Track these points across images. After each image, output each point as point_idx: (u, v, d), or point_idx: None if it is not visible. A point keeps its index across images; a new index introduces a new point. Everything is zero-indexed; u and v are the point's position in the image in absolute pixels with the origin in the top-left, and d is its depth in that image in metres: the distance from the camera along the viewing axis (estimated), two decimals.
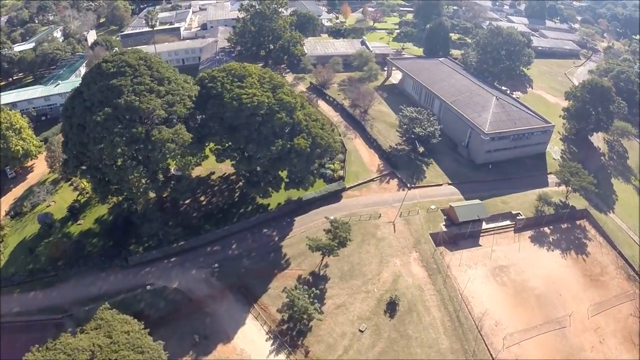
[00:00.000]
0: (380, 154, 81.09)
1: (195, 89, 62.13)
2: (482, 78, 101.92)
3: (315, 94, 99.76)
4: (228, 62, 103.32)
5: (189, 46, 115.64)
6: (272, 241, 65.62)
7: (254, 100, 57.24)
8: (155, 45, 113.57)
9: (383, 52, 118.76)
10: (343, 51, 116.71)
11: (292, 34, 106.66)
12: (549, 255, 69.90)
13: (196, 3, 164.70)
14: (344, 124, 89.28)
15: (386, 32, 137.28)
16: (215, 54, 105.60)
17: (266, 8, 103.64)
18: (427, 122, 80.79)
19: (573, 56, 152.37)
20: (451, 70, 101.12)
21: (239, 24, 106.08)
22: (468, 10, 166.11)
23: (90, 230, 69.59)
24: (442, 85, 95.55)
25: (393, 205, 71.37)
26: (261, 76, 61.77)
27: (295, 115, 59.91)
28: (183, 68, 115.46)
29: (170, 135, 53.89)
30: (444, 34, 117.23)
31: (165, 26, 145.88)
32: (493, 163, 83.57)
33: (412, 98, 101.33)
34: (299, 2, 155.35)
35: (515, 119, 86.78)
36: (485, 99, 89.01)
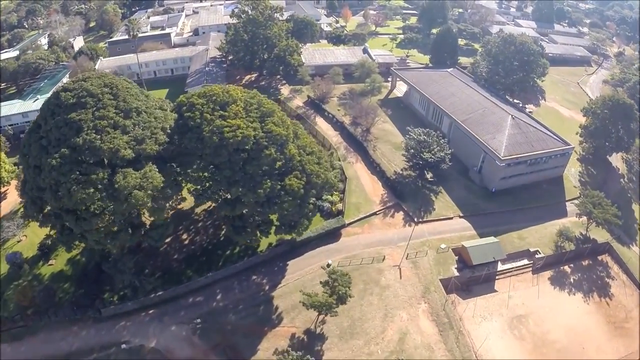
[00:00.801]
0: (384, 181, 71.40)
1: (171, 117, 52.41)
2: (494, 92, 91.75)
3: (313, 109, 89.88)
4: (218, 74, 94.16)
5: (178, 55, 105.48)
6: (262, 290, 56.28)
7: (237, 135, 47.50)
8: (138, 54, 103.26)
9: (386, 61, 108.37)
10: (343, 60, 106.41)
11: (288, 42, 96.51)
12: (570, 300, 60.66)
13: (190, 6, 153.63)
14: (344, 145, 79.40)
15: (389, 38, 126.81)
16: (205, 64, 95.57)
17: (259, 14, 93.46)
18: (437, 146, 71.05)
19: (584, 63, 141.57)
20: (461, 83, 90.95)
21: (231, 31, 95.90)
22: (474, 14, 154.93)
23: (62, 273, 60.51)
24: (452, 101, 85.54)
25: (398, 245, 61.91)
26: (248, 102, 51.80)
27: (287, 149, 50.22)
28: (172, 79, 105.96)
29: (137, 181, 44.32)
30: (452, 42, 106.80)
31: (156, 31, 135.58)
32: (508, 190, 74.13)
33: (419, 114, 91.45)
34: (296, 5, 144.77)
35: (533, 140, 76.88)
36: (499, 118, 79.05)
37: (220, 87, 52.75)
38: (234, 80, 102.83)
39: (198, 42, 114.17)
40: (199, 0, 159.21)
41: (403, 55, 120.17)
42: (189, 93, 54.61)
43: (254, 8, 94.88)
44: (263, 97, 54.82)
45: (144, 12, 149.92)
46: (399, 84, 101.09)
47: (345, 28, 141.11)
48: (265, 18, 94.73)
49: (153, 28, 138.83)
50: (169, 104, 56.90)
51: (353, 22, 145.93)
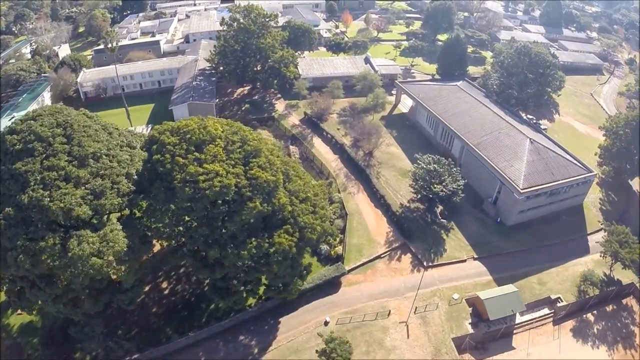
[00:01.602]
0: (389, 216, 62.56)
1: (140, 157, 43.46)
2: (507, 108, 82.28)
3: (310, 128, 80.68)
4: (207, 90, 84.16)
5: (165, 66, 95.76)
6: (251, 354, 47.71)
7: (215, 184, 38.76)
8: (123, 65, 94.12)
9: (390, 72, 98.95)
10: (344, 71, 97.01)
11: (283, 53, 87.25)
12: (593, 355, 52.38)
13: (183, 10, 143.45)
14: (344, 171, 70.40)
15: (392, 45, 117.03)
16: (193, 77, 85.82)
17: (252, 23, 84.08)
18: (449, 176, 62.34)
19: (596, 71, 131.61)
20: (473, 99, 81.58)
21: (220, 41, 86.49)
22: (481, 18, 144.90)
23: (31, 324, 51.94)
24: (463, 120, 76.39)
25: (406, 297, 53.17)
26: (229, 140, 43.03)
27: (276, 198, 41.72)
28: (159, 92, 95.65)
29: (94, 247, 35.74)
30: (461, 51, 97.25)
31: (146, 37, 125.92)
32: (525, 223, 65.44)
33: (426, 133, 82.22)
34: (294, 9, 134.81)
35: (553, 167, 67.89)
36: (516, 142, 70.02)
37: (197, 122, 43.72)
38: (224, 94, 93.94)
39: (187, 51, 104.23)
40: (193, 4, 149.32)
41: (407, 64, 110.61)
42: (161, 127, 45.66)
43: (246, 16, 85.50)
44: (248, 130, 45.79)
45: (135, 17, 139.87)
46: (404, 98, 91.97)
47: (346, 34, 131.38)
48: (258, 27, 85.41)
49: (143, 34, 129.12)
50: (140, 138, 47.84)
51: (354, 27, 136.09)
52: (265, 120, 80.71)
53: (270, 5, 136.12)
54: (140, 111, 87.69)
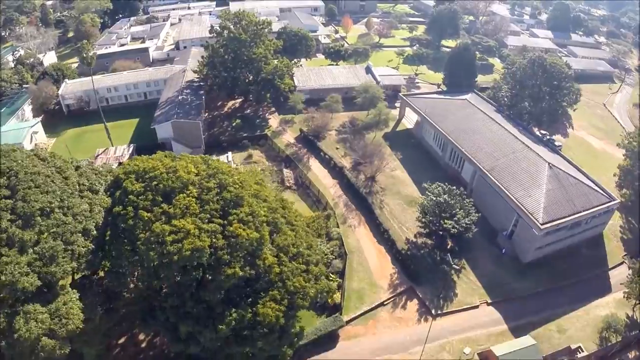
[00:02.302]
0: (393, 254, 54.85)
1: (103, 204, 35.72)
2: (521, 125, 74.22)
3: (307, 147, 72.70)
4: (193, 106, 74.81)
5: (152, 77, 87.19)
6: None
7: (186, 247, 31.32)
8: (107, 76, 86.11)
9: (393, 83, 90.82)
10: (343, 82, 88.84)
11: (277, 63, 79.21)
12: None
13: (176, 14, 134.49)
14: (343, 199, 62.67)
15: (395, 52, 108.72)
16: (179, 91, 77.34)
17: (242, 31, 76.03)
18: (461, 209, 54.64)
19: (607, 79, 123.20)
20: (484, 116, 73.46)
21: (208, 51, 78.33)
22: (487, 23, 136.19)
23: None
24: (474, 140, 68.44)
25: (411, 352, 45.51)
26: (203, 187, 35.19)
27: (261, 259, 34.14)
28: (146, 104, 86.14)
29: (45, 325, 28.45)
30: (470, 61, 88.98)
31: (137, 43, 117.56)
32: (543, 260, 57.80)
33: (434, 153, 74.24)
34: (291, 13, 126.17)
35: (574, 196, 60.02)
36: (534, 166, 62.10)
37: (166, 164, 35.90)
38: (214, 107, 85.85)
39: (176, 60, 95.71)
40: (187, 7, 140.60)
41: (411, 73, 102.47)
42: (127, 166, 37.94)
43: (237, 23, 77.23)
44: (227, 171, 37.72)
45: (127, 21, 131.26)
46: (409, 111, 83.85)
47: (346, 39, 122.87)
48: (250, 35, 77.23)
49: (134, 39, 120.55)
50: (106, 178, 39.98)
51: (354, 32, 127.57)
52: (257, 138, 72.92)
53: (267, 9, 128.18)
54: (124, 127, 79.85)
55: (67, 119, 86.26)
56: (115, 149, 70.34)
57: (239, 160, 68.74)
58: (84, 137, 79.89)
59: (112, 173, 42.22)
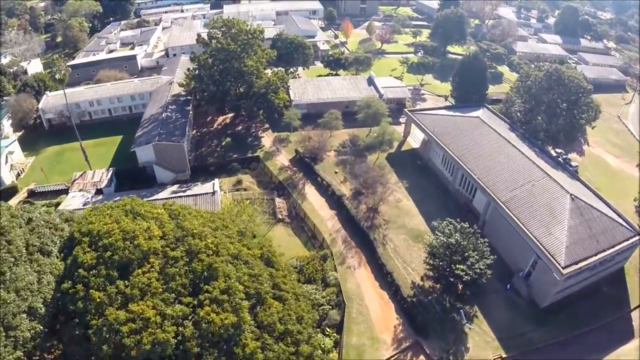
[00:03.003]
0: (397, 301, 46.98)
1: (55, 271, 28.65)
2: (537, 147, 65.97)
3: (303, 170, 64.71)
4: (178, 125, 64.73)
5: (137, 89, 78.77)
6: None
7: (144, 341, 24.31)
8: (88, 88, 78.07)
9: (398, 97, 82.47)
10: (343, 95, 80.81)
11: (271, 76, 71.38)
12: None
13: (169, 17, 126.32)
14: (342, 234, 54.70)
15: (399, 61, 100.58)
16: (164, 107, 68.71)
17: (232, 41, 67.92)
18: (474, 251, 47.40)
19: (620, 88, 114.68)
20: (498, 137, 64.88)
21: (194, 63, 69.85)
22: (494, 27, 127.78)
23: None
24: (488, 165, 60.53)
25: None
26: (169, 257, 27.60)
27: (240, 346, 26.80)
28: (130, 119, 76.82)
29: None
30: (480, 72, 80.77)
31: (126, 49, 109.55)
32: (562, 303, 50.13)
33: (443, 178, 66.14)
34: (288, 17, 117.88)
35: (598, 233, 52.01)
36: (555, 199, 54.20)
37: (123, 225, 28.17)
38: (203, 123, 77.56)
39: (164, 70, 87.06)
40: (180, 11, 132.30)
41: (416, 84, 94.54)
42: (84, 221, 30.68)
43: (226, 32, 69.21)
44: (197, 229, 30.56)
45: (117, 25, 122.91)
46: (414, 128, 76.13)
47: (346, 45, 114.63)
48: (240, 45, 69.38)
49: (123, 45, 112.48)
50: (62, 233, 32.53)
51: (355, 37, 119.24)
52: (248, 161, 65.05)
53: (263, 13, 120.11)
54: (106, 145, 72.04)
55: (48, 135, 78.23)
56: (93, 174, 62.80)
57: (227, 186, 61.24)
58: (63, 157, 72.13)
59: (70, 222, 35.03)
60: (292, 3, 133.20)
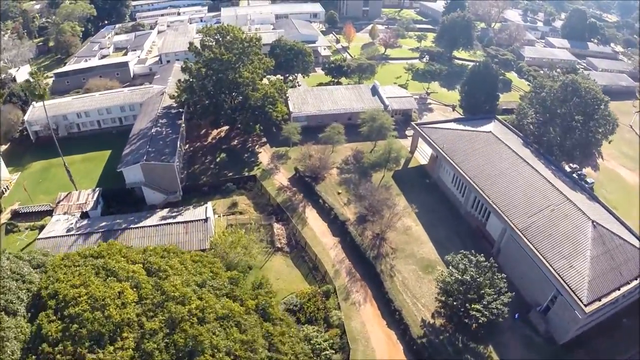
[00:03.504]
0: (406, 342, 41.96)
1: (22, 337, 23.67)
2: (554, 165, 61.08)
3: (303, 191, 59.33)
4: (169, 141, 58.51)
5: (126, 101, 73.04)
6: None
7: None
8: (75, 99, 72.50)
9: (404, 108, 77.00)
10: (346, 106, 75.25)
11: (268, 88, 65.67)
12: None
13: (165, 20, 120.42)
14: (346, 265, 49.43)
15: (404, 67, 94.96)
16: (154, 120, 63.30)
17: (226, 51, 62.35)
18: (491, 288, 42.64)
19: (630, 95, 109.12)
20: (513, 155, 59.33)
21: (185, 73, 64.30)
22: (501, 31, 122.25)
23: None
24: (502, 187, 55.06)
25: None
26: (146, 329, 22.49)
27: None
28: (121, 131, 70.82)
29: None
30: (491, 81, 75.23)
31: (120, 54, 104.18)
32: (580, 338, 45.46)
33: (453, 198, 60.87)
34: (288, 21, 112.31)
35: (621, 262, 46.94)
36: (576, 226, 48.90)
37: (91, 290, 23.48)
38: (196, 137, 71.90)
39: (156, 78, 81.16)
40: (176, 13, 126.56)
41: (422, 92, 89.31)
42: (49, 277, 25.90)
43: (219, 41, 63.71)
44: (181, 293, 25.59)
45: (112, 28, 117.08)
46: (421, 141, 71.17)
47: (348, 50, 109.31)
48: (235, 54, 64.01)
49: (117, 49, 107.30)
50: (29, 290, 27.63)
51: (357, 41, 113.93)
52: (244, 180, 60.00)
53: (262, 16, 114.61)
54: (94, 161, 66.86)
55: (35, 149, 72.78)
56: (78, 194, 57.75)
57: (222, 209, 56.32)
58: (49, 173, 66.82)
59: (42, 268, 30.25)
60: (292, 6, 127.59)
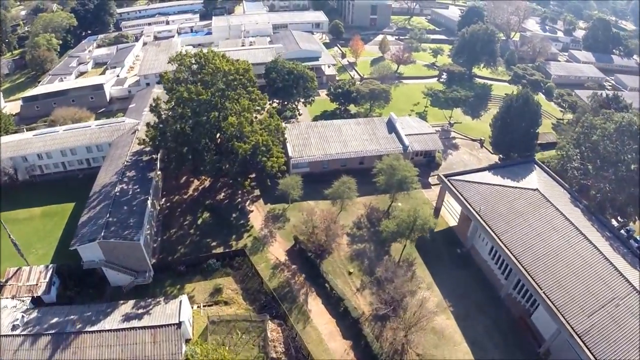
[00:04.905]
0: None
1: None
2: (607, 225, 47.33)
3: (305, 271, 44.50)
4: (136, 205, 41.97)
5: (93, 140, 57.46)
6: None
7: None
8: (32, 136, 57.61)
9: (427, 149, 61.53)
10: (357, 148, 59.05)
11: (260, 136, 49.34)
12: None
13: (151, 29, 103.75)
14: None
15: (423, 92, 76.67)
16: (120, 172, 48.81)
17: (205, 85, 47.24)
18: None
19: None
20: (565, 222, 44.70)
21: (154, 113, 48.86)
22: (523, 43, 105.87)
23: None
24: (555, 269, 40.26)
25: None
26: None
27: None
28: (89, 176, 54.62)
29: None
30: (532, 119, 59.19)
31: (99, 71, 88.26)
32: None
33: (490, 274, 46.57)
34: (287, 32, 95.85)
35: None
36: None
37: None
38: (175, 188, 56.40)
39: (131, 108, 64.96)
40: (164, 22, 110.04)
41: (445, 123, 73.34)
42: None
43: (196, 73, 48.37)
44: None
45: (94, 40, 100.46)
46: (448, 195, 55.05)
47: (356, 66, 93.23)
48: (218, 90, 48.35)
49: (98, 65, 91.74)
50: None
51: (366, 55, 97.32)
52: (230, 256, 45.51)
53: (257, 27, 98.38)
54: (55, 217, 51.96)
55: None
56: (29, 272, 43.35)
57: (202, 296, 41.86)
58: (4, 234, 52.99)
59: None
60: (292, 14, 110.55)
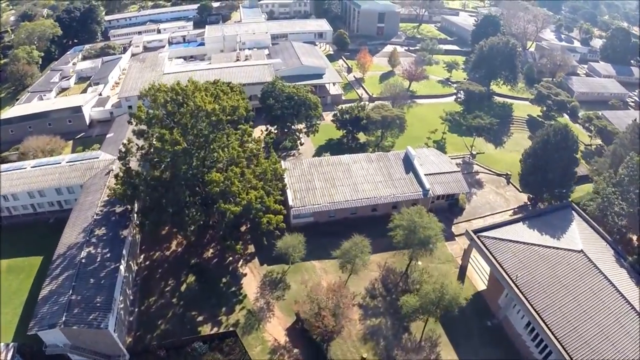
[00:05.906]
0: None
1: None
2: None
3: (308, 356, 35.29)
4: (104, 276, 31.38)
5: (62, 182, 47.64)
6: None
7: None
8: None
9: (450, 192, 51.49)
10: (370, 193, 49.07)
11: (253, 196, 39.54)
12: None
13: (140, 39, 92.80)
14: None
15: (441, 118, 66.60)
16: (88, 230, 39.59)
17: (184, 130, 37.79)
18: None
19: None
20: (613, 292, 35.63)
21: (122, 162, 39.81)
22: (542, 56, 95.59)
23: None
24: (603, 352, 32.59)
25: None
26: None
27: None
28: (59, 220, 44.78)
29: None
30: (569, 156, 49.90)
31: (82, 86, 77.91)
32: None
33: (525, 352, 37.20)
34: (287, 44, 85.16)
35: None
36: None
37: None
38: (156, 243, 46.59)
39: (108, 138, 55.16)
40: (155, 31, 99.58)
41: (466, 154, 63.24)
42: None
43: (171, 115, 38.22)
44: None
45: (80, 51, 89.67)
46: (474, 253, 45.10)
47: (363, 82, 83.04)
48: (201, 135, 38.66)
49: (81, 80, 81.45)
50: None
51: (374, 69, 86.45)
52: (219, 338, 36.25)
53: (254, 38, 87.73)
54: (20, 275, 42.61)
55: None
56: None
57: None
58: None
59: None
60: (293, 23, 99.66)
